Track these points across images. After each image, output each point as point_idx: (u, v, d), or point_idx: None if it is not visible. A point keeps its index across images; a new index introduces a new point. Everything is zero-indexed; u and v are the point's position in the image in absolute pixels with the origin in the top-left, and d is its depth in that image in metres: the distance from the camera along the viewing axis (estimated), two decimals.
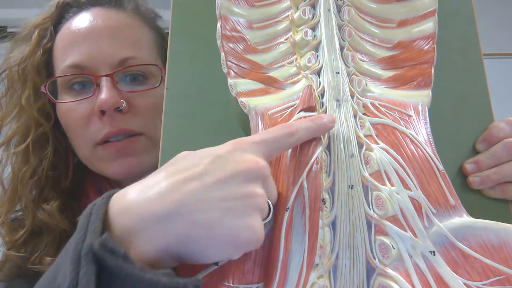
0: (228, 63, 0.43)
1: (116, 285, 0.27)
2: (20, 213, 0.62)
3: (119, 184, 0.64)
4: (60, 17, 0.63)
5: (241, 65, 0.44)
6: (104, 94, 0.56)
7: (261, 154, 0.34)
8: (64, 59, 0.60)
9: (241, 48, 0.44)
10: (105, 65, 0.58)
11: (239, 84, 0.43)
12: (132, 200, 0.30)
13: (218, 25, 0.44)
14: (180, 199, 0.30)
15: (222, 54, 0.44)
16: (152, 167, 0.60)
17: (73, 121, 0.60)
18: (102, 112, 0.57)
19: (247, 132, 0.42)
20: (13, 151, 0.61)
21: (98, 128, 0.58)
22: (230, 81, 0.43)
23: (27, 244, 0.60)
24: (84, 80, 0.59)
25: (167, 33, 0.67)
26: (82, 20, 0.61)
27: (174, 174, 0.31)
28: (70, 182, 0.64)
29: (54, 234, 0.59)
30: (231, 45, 0.44)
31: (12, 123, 0.62)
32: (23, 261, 0.58)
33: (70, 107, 0.60)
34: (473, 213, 0.37)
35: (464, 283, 0.34)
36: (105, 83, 0.57)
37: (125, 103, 0.57)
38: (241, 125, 0.43)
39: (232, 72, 0.43)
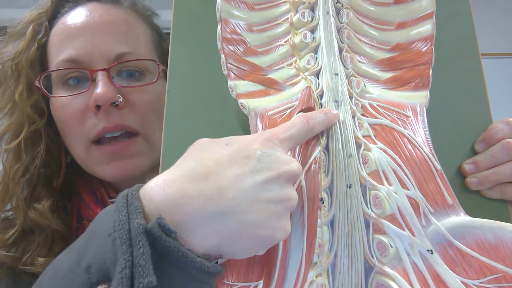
0: (228, 65, 0.44)
1: (170, 265, 0.27)
2: (10, 212, 0.61)
3: (113, 186, 0.63)
4: (55, 12, 0.62)
5: (241, 67, 0.44)
6: (100, 88, 0.55)
7: (288, 150, 0.35)
8: (59, 54, 0.58)
9: (241, 50, 0.45)
10: (101, 60, 0.57)
11: (239, 86, 0.43)
12: (183, 192, 0.29)
13: (219, 28, 0.45)
14: (236, 198, 0.30)
15: (222, 56, 0.44)
16: (149, 170, 0.60)
17: (67, 117, 0.58)
18: (98, 107, 0.55)
19: (247, 133, 0.42)
20: (4, 147, 0.60)
21: (93, 123, 0.56)
22: (230, 83, 0.43)
23: (17, 244, 0.58)
24: (79, 75, 0.58)
25: (164, 32, 0.66)
26: (78, 15, 0.59)
27: (224, 166, 0.31)
28: (62, 181, 0.62)
29: (46, 234, 0.58)
30: (231, 47, 0.45)
31: (4, 120, 0.60)
32: (13, 261, 0.57)
33: (65, 103, 0.58)
34: (472, 214, 0.37)
35: (461, 281, 0.34)
36: (101, 77, 0.56)
37: (121, 97, 0.56)
38: (241, 126, 0.44)
39: (232, 74, 0.44)
